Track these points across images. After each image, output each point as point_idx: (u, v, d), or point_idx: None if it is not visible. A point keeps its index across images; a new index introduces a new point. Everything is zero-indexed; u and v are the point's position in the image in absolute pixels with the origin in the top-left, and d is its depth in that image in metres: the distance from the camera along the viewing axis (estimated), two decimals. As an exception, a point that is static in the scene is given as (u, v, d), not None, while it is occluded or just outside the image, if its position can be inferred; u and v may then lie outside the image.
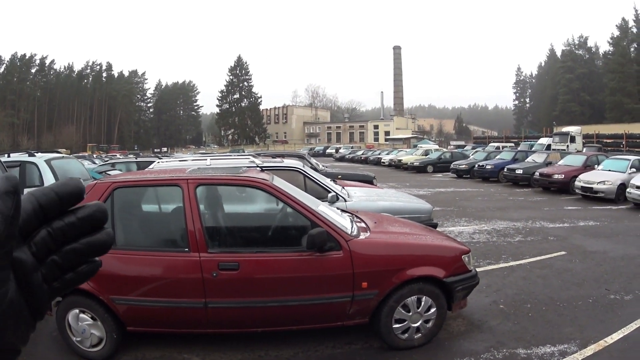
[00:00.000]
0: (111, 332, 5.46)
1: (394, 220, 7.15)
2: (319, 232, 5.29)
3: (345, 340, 6.03)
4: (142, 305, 5.41)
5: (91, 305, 5.42)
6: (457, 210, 17.23)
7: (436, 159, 40.02)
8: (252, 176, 5.87)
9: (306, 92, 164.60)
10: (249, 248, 5.61)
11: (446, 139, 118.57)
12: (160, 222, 6.32)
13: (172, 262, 5.44)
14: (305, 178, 9.53)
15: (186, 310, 5.42)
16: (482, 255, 10.18)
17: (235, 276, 5.30)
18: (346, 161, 63.42)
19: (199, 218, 5.49)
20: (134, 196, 6.10)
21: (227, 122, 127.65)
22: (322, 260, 5.41)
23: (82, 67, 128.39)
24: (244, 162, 9.83)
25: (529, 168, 25.76)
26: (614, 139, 55.15)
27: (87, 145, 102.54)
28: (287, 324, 5.68)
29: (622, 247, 11.11)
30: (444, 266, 5.82)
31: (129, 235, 5.79)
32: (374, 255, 5.62)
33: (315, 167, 17.02)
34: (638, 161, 20.41)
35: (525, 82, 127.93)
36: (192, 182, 5.60)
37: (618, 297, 7.61)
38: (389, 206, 9.37)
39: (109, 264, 5.27)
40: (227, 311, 5.46)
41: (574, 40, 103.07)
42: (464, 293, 6.07)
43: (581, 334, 6.24)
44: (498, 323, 6.65)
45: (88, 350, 5.55)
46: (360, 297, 5.51)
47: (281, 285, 5.43)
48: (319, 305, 5.52)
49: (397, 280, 5.56)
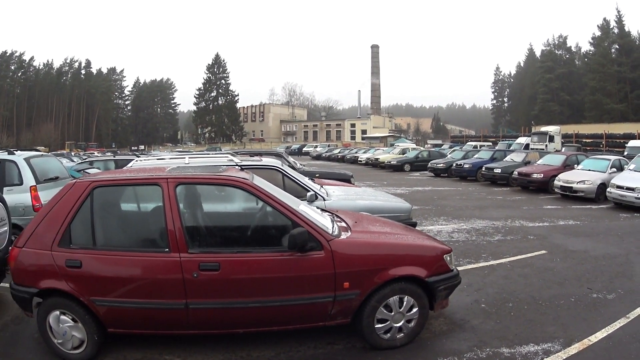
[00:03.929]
0: (92, 334, 5.39)
1: (374, 220, 7.12)
2: (300, 232, 5.26)
3: (327, 340, 5.99)
4: (123, 306, 5.32)
5: (72, 307, 5.34)
6: (435, 209, 17.23)
7: (413, 158, 40.25)
8: (233, 175, 5.82)
9: (283, 91, 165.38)
10: (230, 248, 5.51)
11: (423, 137, 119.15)
12: (140, 221, 6.20)
13: (152, 263, 5.34)
14: (284, 177, 9.54)
15: (167, 311, 5.34)
16: (462, 254, 10.17)
17: (216, 277, 5.24)
18: (323, 160, 63.81)
19: (179, 217, 5.42)
20: (113, 195, 5.99)
21: (204, 120, 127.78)
22: (303, 260, 5.37)
23: (61, 64, 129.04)
24: (222, 160, 9.78)
25: (507, 167, 25.99)
26: (593, 139, 55.86)
27: (65, 142, 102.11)
28: (268, 324, 5.61)
29: (603, 246, 11.17)
30: (426, 266, 5.80)
31: (108, 235, 5.68)
32: (355, 255, 5.58)
33: (293, 166, 17.05)
34: (619, 161, 20.62)
35: (503, 82, 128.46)
36: (172, 181, 5.55)
37: (601, 296, 7.63)
38: (368, 205, 9.36)
39: (89, 265, 5.29)
40: (208, 312, 5.38)
41: (554, 40, 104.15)
42: (446, 292, 6.06)
43: (564, 332, 6.23)
44: (480, 322, 6.62)
45: (69, 353, 5.47)
46: (342, 298, 5.48)
47: (262, 285, 5.36)
48: (301, 305, 5.47)
49: (379, 280, 5.54)
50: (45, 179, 10.53)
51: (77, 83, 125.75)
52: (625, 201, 16.71)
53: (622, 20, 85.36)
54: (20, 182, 10.07)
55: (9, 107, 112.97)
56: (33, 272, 5.38)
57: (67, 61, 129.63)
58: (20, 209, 9.49)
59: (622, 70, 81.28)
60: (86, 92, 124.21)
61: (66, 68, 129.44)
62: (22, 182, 10.08)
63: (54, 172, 11.31)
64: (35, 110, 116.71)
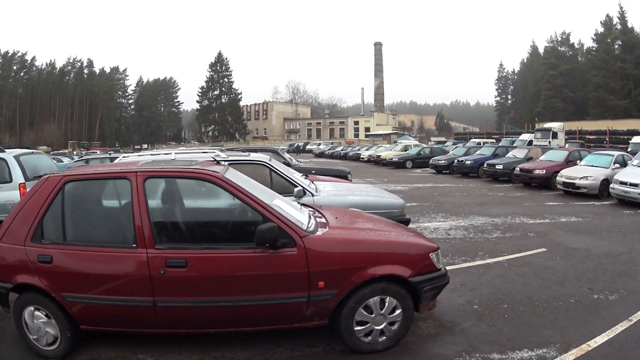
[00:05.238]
0: (65, 330, 5.28)
1: (358, 216, 6.83)
2: (269, 228, 4.97)
3: (305, 342, 5.72)
4: (93, 303, 5.16)
5: (45, 303, 5.25)
6: (434, 205, 16.94)
7: (415, 155, 40.01)
8: (203, 168, 5.59)
9: (287, 88, 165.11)
10: (198, 244, 5.29)
11: (427, 135, 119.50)
12: (110, 216, 5.95)
13: (120, 259, 5.16)
14: (271, 172, 9.28)
15: (135, 309, 5.15)
16: (458, 252, 9.87)
17: (184, 274, 5.03)
18: (325, 157, 63.53)
19: (147, 212, 5.22)
20: (85, 190, 5.81)
21: (208, 118, 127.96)
22: (274, 257, 5.10)
23: (64, 64, 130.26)
24: (209, 156, 9.48)
25: (509, 163, 25.59)
26: (597, 135, 55.61)
27: (68, 142, 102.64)
28: (240, 325, 5.37)
29: (605, 243, 10.77)
30: (410, 265, 5.44)
31: (78, 230, 5.52)
32: (331, 253, 5.27)
33: (289, 162, 16.92)
34: (622, 157, 20.27)
35: (507, 79, 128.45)
36: (140, 175, 5.38)
37: (602, 297, 7.23)
38: (358, 201, 9.14)
39: (60, 260, 5.19)
40: (177, 311, 5.17)
41: (557, 37, 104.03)
42: (433, 293, 5.68)
43: (562, 337, 5.84)
44: (471, 325, 6.23)
45: (44, 349, 5.38)
46: (317, 298, 5.18)
47: (232, 284, 5.12)
48: (273, 305, 5.20)
49: (357, 280, 5.21)
50: (35, 177, 10.54)
51: (79, 82, 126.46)
52: (629, 197, 16.39)
53: (625, 16, 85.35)
54: (9, 180, 10.45)
55: (12, 107, 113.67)
56: (8, 267, 5.33)
57: (70, 61, 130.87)
58: (9, 206, 9.60)
59: (626, 66, 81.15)
60: (89, 92, 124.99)
61: (69, 68, 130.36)
62: (12, 179, 10.46)
63: (44, 169, 11.34)
64: (38, 110, 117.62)
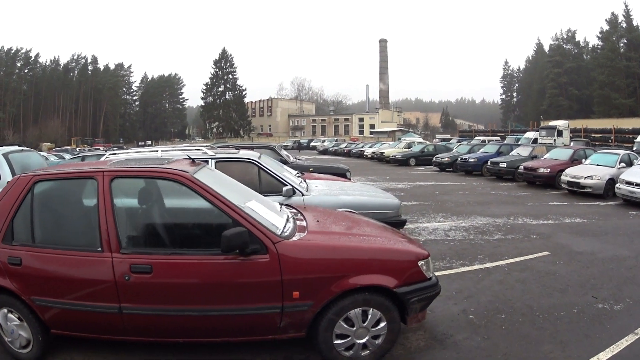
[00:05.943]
0: (37, 334, 5.12)
1: (344, 218, 6.37)
2: (237, 233, 4.57)
3: (284, 353, 5.38)
4: (61, 307, 4.97)
5: (17, 306, 5.10)
6: (435, 205, 16.54)
7: (419, 152, 39.64)
8: (171, 168, 5.20)
9: (292, 85, 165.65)
10: (164, 249, 4.96)
11: (432, 132, 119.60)
12: (77, 218, 5.57)
13: (86, 263, 4.92)
14: (259, 170, 8.90)
15: (102, 315, 4.91)
16: (456, 255, 9.46)
17: (149, 280, 4.76)
18: (329, 154, 63.11)
19: (112, 214, 4.96)
20: (54, 190, 5.52)
21: (212, 114, 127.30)
22: (244, 265, 4.72)
23: (68, 61, 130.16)
24: (197, 153, 9.18)
25: (513, 161, 25.18)
26: (602, 134, 55.27)
27: (72, 138, 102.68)
28: (209, 335, 5.03)
29: (611, 247, 10.32)
30: (396, 274, 4.97)
31: (47, 232, 5.29)
32: (307, 260, 4.85)
33: (285, 160, 16.55)
34: (628, 156, 19.83)
35: (512, 76, 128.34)
36: (107, 175, 5.12)
37: (607, 307, 6.77)
38: (351, 201, 8.82)
39: (28, 263, 5.02)
40: (143, 318, 4.89)
41: (562, 35, 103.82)
42: (422, 305, 5.21)
43: (562, 352, 5.38)
44: (465, 337, 5.78)
45: (18, 352, 5.27)
46: (291, 309, 4.80)
47: (199, 292, 4.82)
48: (244, 316, 4.84)
49: (337, 290, 4.79)
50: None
51: (84, 79, 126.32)
52: (635, 198, 15.93)
53: (630, 14, 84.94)
54: None
55: (16, 103, 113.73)
56: None
57: (74, 57, 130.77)
58: None
59: (631, 65, 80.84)
60: (93, 88, 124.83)
61: (73, 64, 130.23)
62: (0, 177, 10.49)
63: (34, 167, 11.04)
64: (42, 106, 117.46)
